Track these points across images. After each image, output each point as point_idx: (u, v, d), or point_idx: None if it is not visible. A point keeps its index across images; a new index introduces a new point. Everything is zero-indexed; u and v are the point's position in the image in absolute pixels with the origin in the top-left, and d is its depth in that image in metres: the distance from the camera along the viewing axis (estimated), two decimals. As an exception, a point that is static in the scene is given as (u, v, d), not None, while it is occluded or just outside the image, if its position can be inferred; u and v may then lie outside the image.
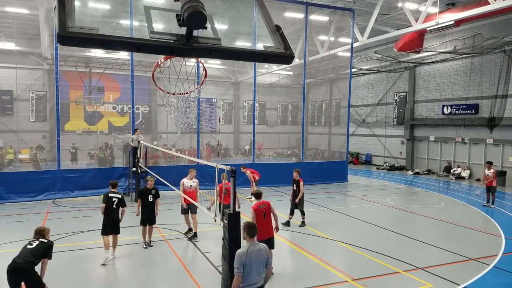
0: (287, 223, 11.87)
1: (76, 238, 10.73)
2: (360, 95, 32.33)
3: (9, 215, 13.26)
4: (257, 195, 8.12)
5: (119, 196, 8.91)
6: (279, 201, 16.14)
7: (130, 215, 12.98)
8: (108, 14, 3.46)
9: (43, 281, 6.04)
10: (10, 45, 21.65)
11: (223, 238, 6.37)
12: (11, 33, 21.10)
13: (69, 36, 2.79)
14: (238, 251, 4.84)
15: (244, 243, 5.19)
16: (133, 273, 8.47)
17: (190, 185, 10.50)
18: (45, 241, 6.25)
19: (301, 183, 11.84)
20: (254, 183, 15.66)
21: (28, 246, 6.04)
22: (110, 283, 8.09)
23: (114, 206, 8.77)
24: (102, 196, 8.84)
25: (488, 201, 15.23)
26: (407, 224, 12.90)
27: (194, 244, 10.21)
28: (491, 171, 14.96)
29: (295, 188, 11.90)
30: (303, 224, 11.92)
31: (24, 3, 19.28)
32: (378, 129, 30.66)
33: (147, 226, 9.76)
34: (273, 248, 8.00)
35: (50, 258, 6.25)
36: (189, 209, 10.49)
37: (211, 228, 11.33)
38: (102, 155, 23.06)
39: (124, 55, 24.31)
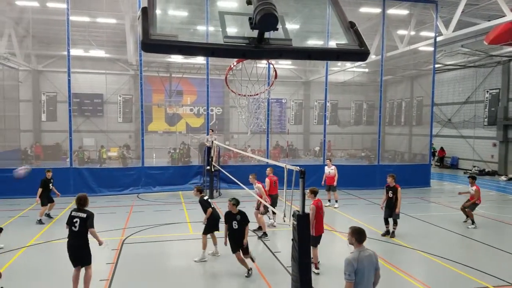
0: (387, 233, 11.08)
1: (156, 230, 11.49)
2: (445, 92, 29.93)
3: (99, 207, 14.58)
4: (316, 193, 8.35)
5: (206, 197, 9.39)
6: (353, 204, 15.66)
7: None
8: (186, 21, 3.63)
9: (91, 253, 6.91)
10: (101, 53, 23.90)
11: (292, 239, 6.34)
12: (101, 41, 23.22)
13: (152, 44, 3.01)
14: (348, 257, 4.65)
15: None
16: (204, 268, 8.78)
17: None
18: (84, 216, 6.73)
19: (399, 189, 10.77)
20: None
21: (73, 228, 6.73)
22: (182, 277, 8.42)
23: (213, 206, 9.19)
24: (204, 202, 9.08)
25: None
26: (497, 235, 11.69)
27: (264, 243, 10.32)
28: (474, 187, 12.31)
29: (390, 196, 10.85)
30: (392, 234, 11.00)
31: (112, 13, 21.05)
32: (466, 129, 28.09)
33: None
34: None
35: (92, 227, 6.77)
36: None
37: (281, 229, 11.36)
38: (176, 156, 24.44)
39: (200, 59, 25.41)
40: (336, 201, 14.98)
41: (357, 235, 4.78)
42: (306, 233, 6.24)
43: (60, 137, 25.13)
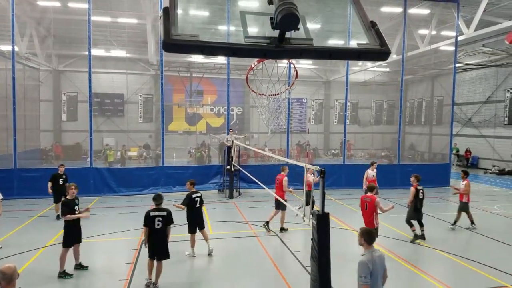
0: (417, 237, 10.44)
1: (176, 230, 11.46)
2: (466, 92, 29.27)
3: (120, 207, 14.88)
4: (370, 188, 8.92)
5: (199, 194, 9.22)
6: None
7: (224, 210, 13.70)
8: (207, 21, 3.67)
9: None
10: (122, 53, 24.14)
11: (311, 239, 6.34)
12: (122, 41, 23.49)
13: (173, 43, 3.05)
14: (363, 259, 4.56)
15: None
16: (223, 265, 8.88)
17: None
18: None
19: (411, 188, 10.89)
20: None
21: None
22: (198, 275, 8.59)
23: (198, 205, 9.12)
24: (186, 197, 9.04)
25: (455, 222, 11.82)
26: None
27: (283, 242, 10.31)
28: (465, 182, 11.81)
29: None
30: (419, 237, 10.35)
31: (133, 13, 21.28)
32: (486, 129, 27.44)
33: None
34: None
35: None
36: (277, 204, 11.00)
37: (301, 228, 11.32)
38: (199, 155, 24.61)
39: (221, 59, 25.52)
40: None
41: (367, 236, 4.71)
42: (326, 233, 6.21)
43: (81, 137, 25.35)
